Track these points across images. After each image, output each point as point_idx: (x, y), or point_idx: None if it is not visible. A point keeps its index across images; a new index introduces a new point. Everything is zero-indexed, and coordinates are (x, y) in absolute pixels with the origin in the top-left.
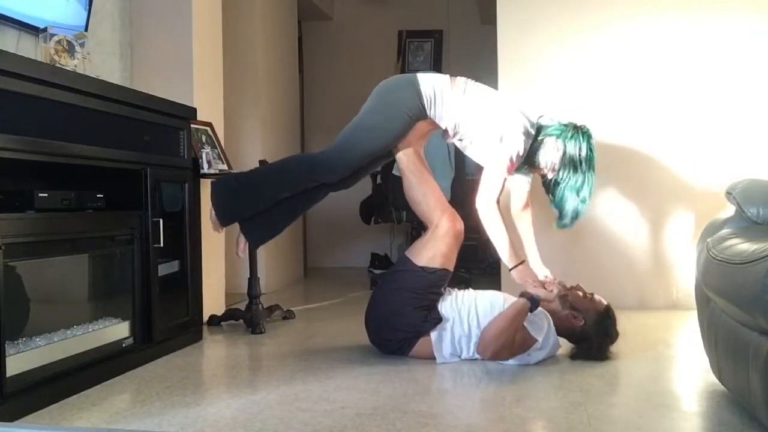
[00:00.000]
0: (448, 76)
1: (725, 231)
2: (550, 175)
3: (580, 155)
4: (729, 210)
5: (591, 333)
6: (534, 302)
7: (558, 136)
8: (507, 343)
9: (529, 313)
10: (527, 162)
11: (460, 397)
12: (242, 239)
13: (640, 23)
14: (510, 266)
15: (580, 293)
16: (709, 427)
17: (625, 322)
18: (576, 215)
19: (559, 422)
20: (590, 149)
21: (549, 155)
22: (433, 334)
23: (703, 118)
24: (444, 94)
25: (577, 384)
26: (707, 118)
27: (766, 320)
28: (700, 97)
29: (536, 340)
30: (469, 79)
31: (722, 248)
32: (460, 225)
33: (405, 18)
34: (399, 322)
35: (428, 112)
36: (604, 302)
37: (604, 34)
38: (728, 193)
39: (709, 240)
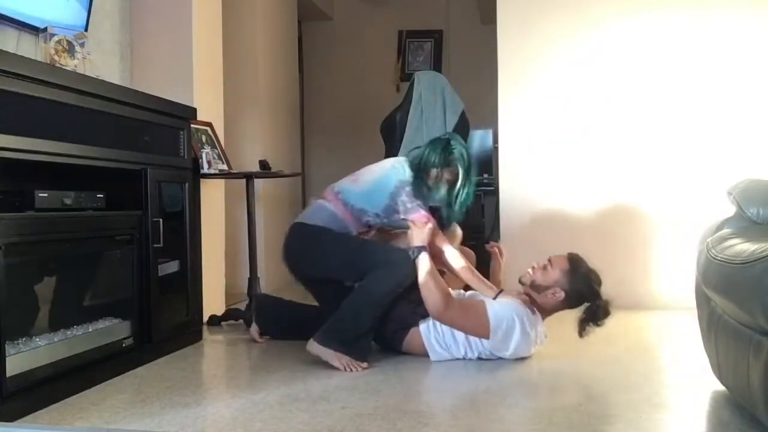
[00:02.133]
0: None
1: (725, 231)
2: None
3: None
4: (729, 210)
5: (578, 291)
6: (417, 251)
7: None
8: (439, 301)
9: (488, 296)
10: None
11: (460, 397)
12: (255, 327)
13: (640, 23)
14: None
15: (539, 271)
16: (709, 427)
17: (625, 322)
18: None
19: (559, 422)
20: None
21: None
22: (422, 326)
23: (704, 117)
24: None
25: (577, 384)
26: (707, 118)
27: (766, 320)
28: (700, 97)
29: (488, 333)
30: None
31: (722, 248)
32: None
33: (405, 18)
34: (389, 313)
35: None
36: (564, 257)
37: (604, 34)
38: (728, 193)
39: (709, 240)
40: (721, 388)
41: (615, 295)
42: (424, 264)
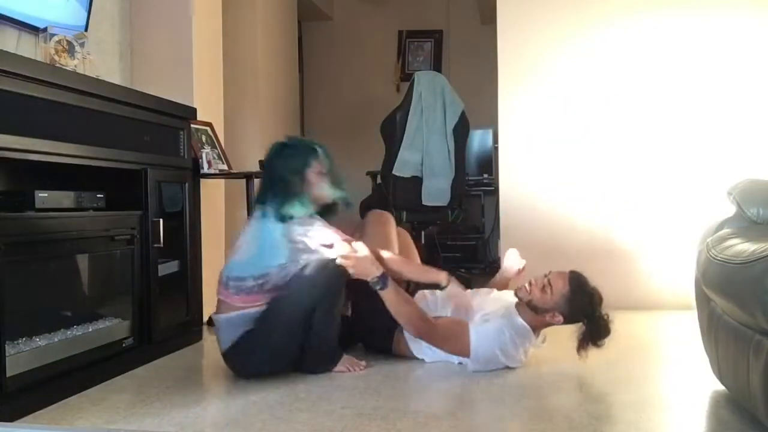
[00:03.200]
0: None
1: (725, 231)
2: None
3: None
4: (729, 210)
5: (577, 314)
6: (377, 283)
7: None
8: (415, 330)
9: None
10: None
11: (460, 397)
12: None
13: (640, 23)
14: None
15: (537, 291)
16: (709, 427)
17: (624, 322)
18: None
19: (559, 422)
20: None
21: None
22: (406, 333)
23: (704, 117)
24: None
25: (577, 384)
26: (707, 118)
27: (766, 320)
28: (700, 97)
29: (468, 354)
30: None
31: (722, 248)
32: None
33: (405, 18)
34: (372, 318)
35: None
36: (565, 275)
37: (604, 34)
38: (728, 193)
39: (709, 240)
40: (721, 388)
41: (614, 295)
42: (388, 296)
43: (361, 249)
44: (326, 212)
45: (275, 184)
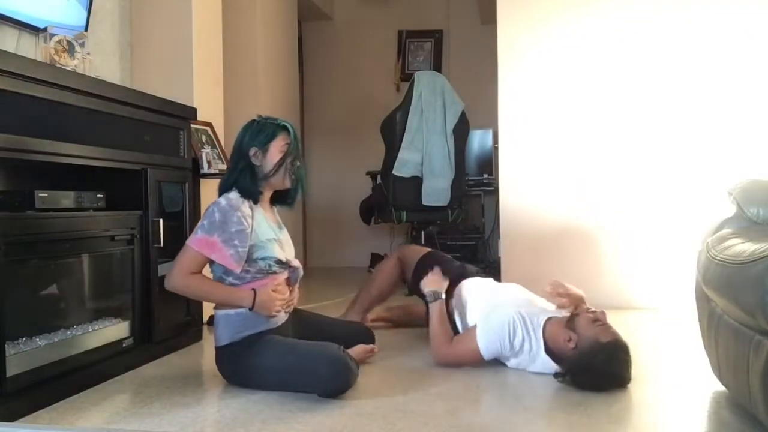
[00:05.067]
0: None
1: (725, 231)
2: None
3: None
4: (729, 210)
5: (571, 360)
6: (434, 295)
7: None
8: (436, 349)
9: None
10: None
11: (459, 397)
12: None
13: (640, 23)
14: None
15: (591, 317)
16: (709, 427)
17: (624, 322)
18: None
19: (559, 422)
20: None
21: None
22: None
23: (704, 117)
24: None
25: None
26: (707, 118)
27: (766, 320)
28: (701, 97)
29: (480, 360)
30: None
31: (722, 248)
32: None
33: (405, 18)
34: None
35: None
36: (614, 336)
37: (604, 34)
38: (728, 193)
39: (709, 240)
40: (721, 388)
41: (614, 295)
42: (434, 308)
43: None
44: (279, 201)
45: (232, 157)
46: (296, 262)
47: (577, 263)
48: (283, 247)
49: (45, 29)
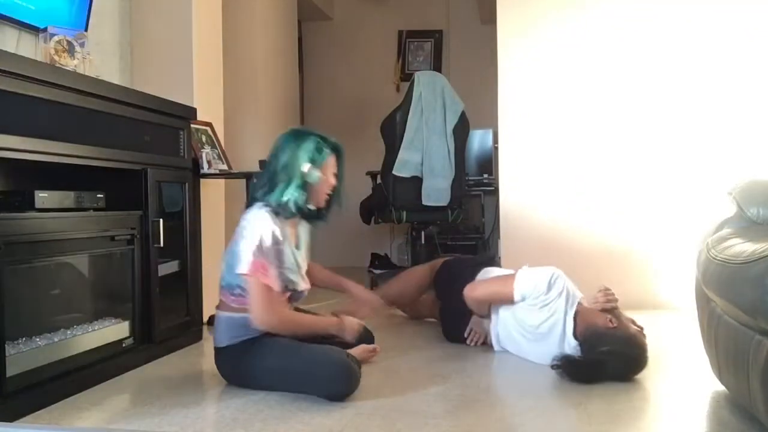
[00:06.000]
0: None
1: (725, 231)
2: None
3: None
4: (729, 210)
5: (607, 338)
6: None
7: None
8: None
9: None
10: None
11: (460, 397)
12: None
13: (640, 22)
14: (332, 331)
15: (631, 319)
16: (709, 427)
17: None
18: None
19: (560, 422)
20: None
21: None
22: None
23: (704, 117)
24: None
25: (577, 384)
26: (708, 118)
27: (766, 320)
28: (701, 97)
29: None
30: None
31: (722, 248)
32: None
33: (405, 18)
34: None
35: None
36: (628, 324)
37: (604, 34)
38: (728, 193)
39: (709, 240)
40: (721, 388)
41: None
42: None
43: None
44: (313, 218)
45: (279, 171)
46: (305, 285)
47: (577, 263)
48: (301, 272)
49: (45, 29)
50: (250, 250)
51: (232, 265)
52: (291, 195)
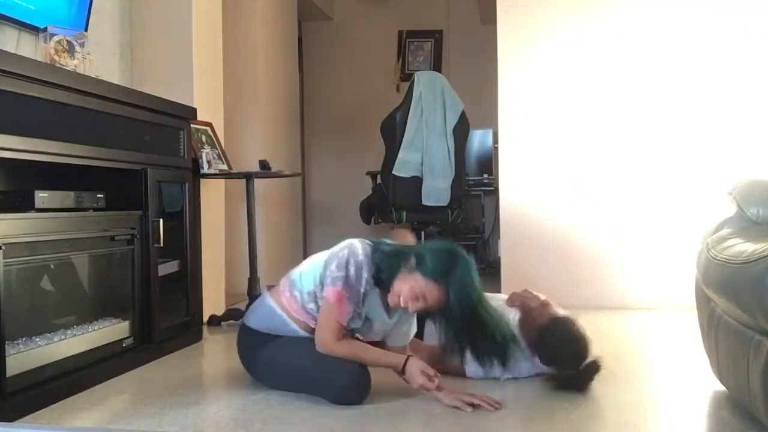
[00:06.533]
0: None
1: (725, 231)
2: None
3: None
4: (729, 210)
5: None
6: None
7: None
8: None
9: None
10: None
11: None
12: None
13: (640, 22)
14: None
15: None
16: (709, 427)
17: (624, 323)
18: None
19: (560, 422)
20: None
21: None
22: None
23: (704, 117)
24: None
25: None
26: (708, 118)
27: (766, 320)
28: (701, 97)
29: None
30: None
31: (722, 248)
32: None
33: (405, 18)
34: None
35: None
36: (544, 319)
37: (604, 34)
38: (728, 193)
39: (709, 240)
40: (721, 388)
41: (614, 295)
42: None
43: None
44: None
45: (415, 253)
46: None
47: (577, 263)
48: (371, 329)
49: (45, 29)
50: (341, 279)
51: (314, 276)
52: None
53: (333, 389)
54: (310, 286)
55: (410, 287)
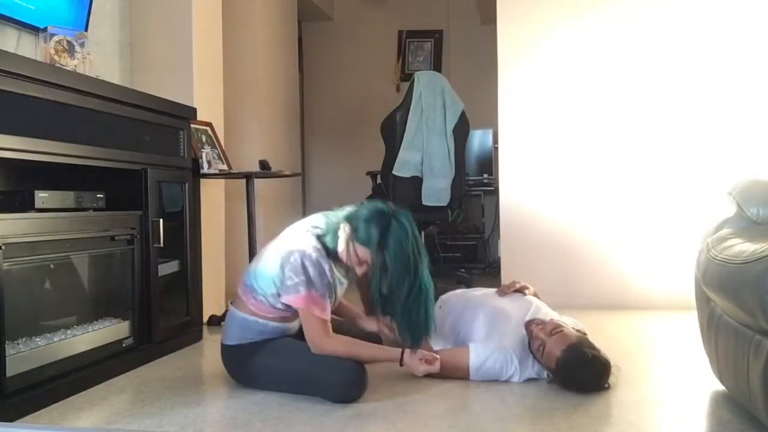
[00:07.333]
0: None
1: (725, 231)
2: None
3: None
4: (729, 210)
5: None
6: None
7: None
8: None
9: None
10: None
11: (459, 397)
12: None
13: (640, 22)
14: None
15: (536, 342)
16: (709, 427)
17: (624, 323)
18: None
19: (560, 422)
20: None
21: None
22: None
23: (704, 117)
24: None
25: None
26: (708, 118)
27: (766, 320)
28: (700, 97)
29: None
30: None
31: (722, 248)
32: None
33: (405, 18)
34: None
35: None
36: (562, 348)
37: (604, 33)
38: (728, 193)
39: (709, 240)
40: (721, 388)
41: (614, 295)
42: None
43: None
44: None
45: (350, 221)
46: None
47: (577, 263)
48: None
49: (45, 29)
50: (302, 283)
51: (272, 279)
52: (330, 239)
53: (330, 388)
54: (271, 289)
55: (352, 253)
